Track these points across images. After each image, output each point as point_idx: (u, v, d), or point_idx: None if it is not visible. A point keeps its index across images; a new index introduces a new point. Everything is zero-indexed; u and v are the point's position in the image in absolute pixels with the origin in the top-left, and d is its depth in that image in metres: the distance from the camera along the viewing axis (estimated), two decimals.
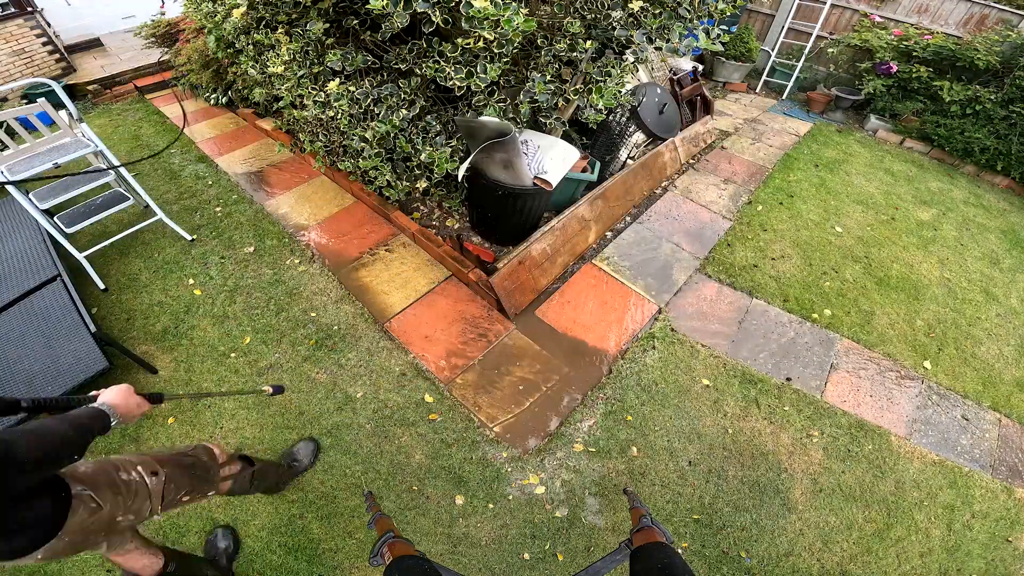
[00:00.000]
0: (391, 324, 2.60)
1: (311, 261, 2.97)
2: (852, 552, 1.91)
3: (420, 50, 2.30)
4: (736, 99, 5.50)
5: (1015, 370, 2.62)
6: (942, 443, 2.26)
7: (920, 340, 2.71)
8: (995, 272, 3.26)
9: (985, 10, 4.42)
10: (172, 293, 2.73)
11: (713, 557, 1.88)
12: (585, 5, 2.21)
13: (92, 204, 2.80)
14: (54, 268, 2.40)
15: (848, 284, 3.02)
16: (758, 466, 2.13)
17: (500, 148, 2.37)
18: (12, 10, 4.38)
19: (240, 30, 2.86)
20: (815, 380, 2.47)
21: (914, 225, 3.62)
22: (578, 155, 2.70)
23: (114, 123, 4.34)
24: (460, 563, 1.82)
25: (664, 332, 2.65)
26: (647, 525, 1.20)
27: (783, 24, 5.40)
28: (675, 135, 3.83)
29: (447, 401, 2.29)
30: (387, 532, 1.21)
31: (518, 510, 1.96)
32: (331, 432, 2.16)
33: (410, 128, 2.54)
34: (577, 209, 2.98)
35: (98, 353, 2.02)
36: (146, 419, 2.17)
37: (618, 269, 3.01)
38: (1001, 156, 4.19)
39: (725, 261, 3.13)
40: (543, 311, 2.72)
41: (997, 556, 1.92)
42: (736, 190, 3.82)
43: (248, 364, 2.40)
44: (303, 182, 3.63)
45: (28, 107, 2.39)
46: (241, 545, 1.83)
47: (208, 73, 4.09)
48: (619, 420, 2.25)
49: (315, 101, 2.51)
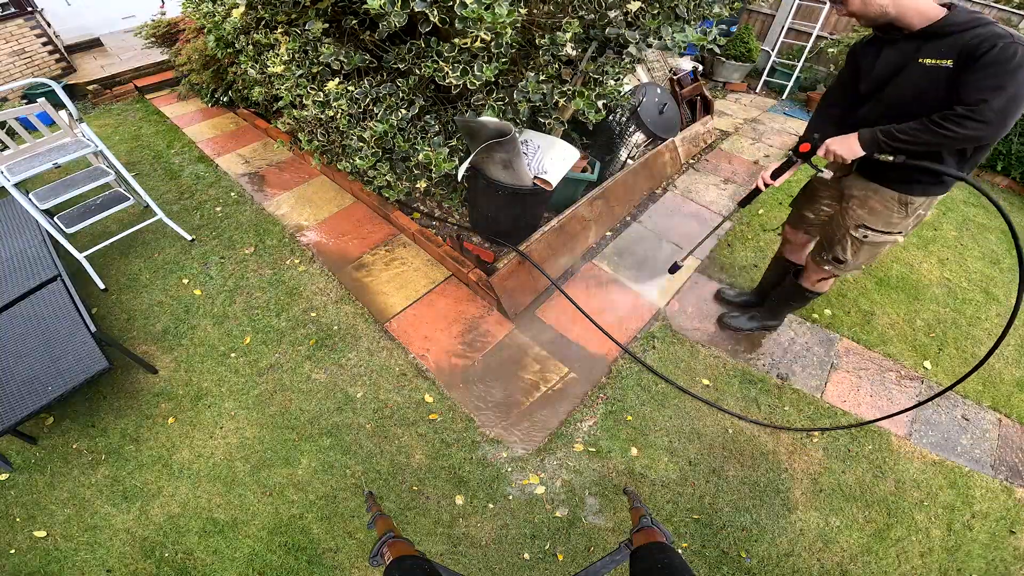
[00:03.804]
0: (391, 324, 2.60)
1: (311, 261, 2.97)
2: (852, 552, 1.91)
3: (418, 50, 2.30)
4: (736, 99, 5.50)
5: (1015, 370, 2.61)
6: (942, 443, 2.26)
7: (920, 340, 2.71)
8: (995, 272, 3.26)
9: (985, 10, 4.42)
10: (172, 293, 2.73)
11: (713, 557, 1.88)
12: (584, 5, 2.21)
13: (92, 204, 2.80)
14: (54, 268, 2.40)
15: (848, 284, 3.02)
16: (758, 466, 2.13)
17: (500, 148, 2.37)
18: (12, 10, 4.39)
19: (240, 30, 2.86)
20: (815, 380, 2.47)
21: None
22: (578, 155, 2.70)
23: (114, 123, 4.34)
24: (460, 563, 1.82)
25: (664, 332, 2.65)
26: (647, 525, 1.19)
27: (783, 24, 5.40)
28: (675, 135, 3.83)
29: (447, 401, 2.29)
30: (387, 532, 1.21)
31: (518, 510, 1.96)
32: (331, 432, 2.16)
33: (409, 128, 2.54)
34: (577, 209, 2.98)
35: (98, 353, 2.02)
36: (146, 419, 2.18)
37: (618, 269, 3.01)
38: (1001, 156, 4.18)
39: (725, 261, 3.13)
40: (543, 311, 2.72)
41: (997, 556, 1.92)
42: (736, 190, 3.82)
43: (248, 364, 2.40)
44: (303, 182, 3.63)
45: (28, 107, 2.40)
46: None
47: (208, 73, 4.09)
48: (619, 420, 2.25)
49: (314, 101, 2.51)
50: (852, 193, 1.87)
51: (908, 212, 1.77)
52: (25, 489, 1.96)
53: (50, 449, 2.08)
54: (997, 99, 1.35)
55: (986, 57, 1.35)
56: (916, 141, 1.51)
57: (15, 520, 1.88)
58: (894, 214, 1.79)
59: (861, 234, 1.88)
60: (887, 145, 1.58)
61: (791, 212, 2.29)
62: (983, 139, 1.43)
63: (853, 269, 2.04)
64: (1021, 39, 1.34)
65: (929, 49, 1.48)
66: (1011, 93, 1.34)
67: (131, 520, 1.89)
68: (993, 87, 1.35)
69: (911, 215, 1.78)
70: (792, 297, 2.39)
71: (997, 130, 1.39)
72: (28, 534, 1.84)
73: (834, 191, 2.02)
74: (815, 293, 2.26)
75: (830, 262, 2.04)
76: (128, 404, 2.23)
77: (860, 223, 1.87)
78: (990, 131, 1.39)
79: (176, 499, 1.95)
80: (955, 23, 1.43)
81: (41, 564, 1.78)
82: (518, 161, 2.48)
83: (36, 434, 2.11)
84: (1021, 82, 1.33)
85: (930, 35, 1.48)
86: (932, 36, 1.48)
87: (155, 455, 2.07)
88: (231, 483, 2.00)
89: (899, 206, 1.77)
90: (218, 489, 1.98)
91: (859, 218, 1.86)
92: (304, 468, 2.05)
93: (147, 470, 2.03)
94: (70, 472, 2.01)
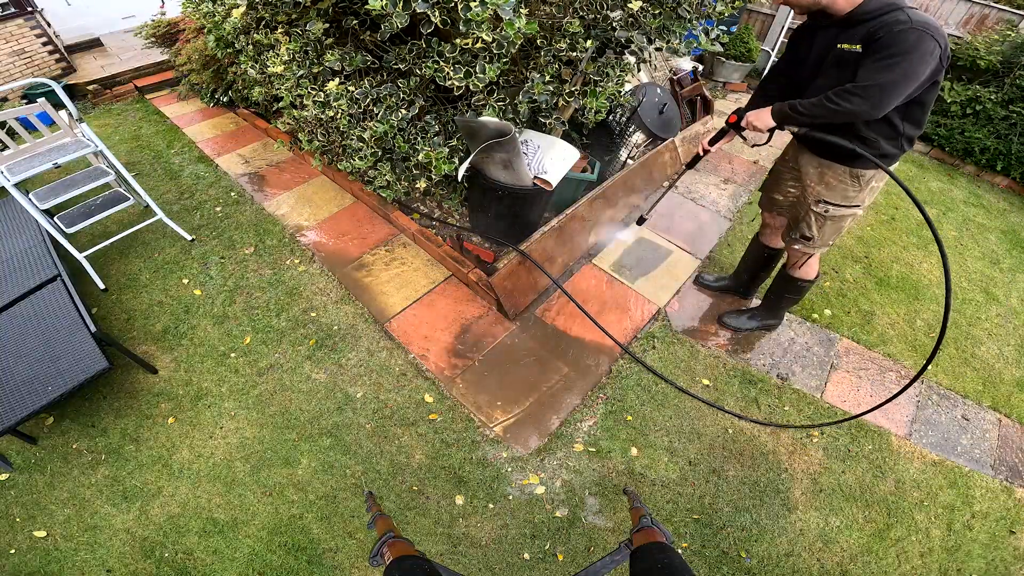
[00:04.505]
0: (391, 324, 2.60)
1: (311, 261, 2.97)
2: (852, 552, 1.91)
3: (419, 50, 2.30)
4: (736, 99, 5.50)
5: (1015, 370, 2.61)
6: (942, 443, 2.26)
7: (920, 340, 2.71)
8: (995, 272, 3.26)
9: (985, 10, 4.42)
10: (172, 293, 2.73)
11: (713, 557, 1.88)
12: (585, 5, 2.21)
13: (92, 204, 2.80)
14: (54, 268, 2.40)
15: (848, 284, 3.02)
16: (758, 466, 2.13)
17: (500, 148, 2.37)
18: (12, 10, 4.38)
19: (240, 30, 2.86)
20: (815, 380, 2.47)
21: (914, 225, 3.62)
22: (578, 155, 2.70)
23: (114, 123, 4.34)
24: (460, 563, 1.82)
25: (664, 332, 2.65)
26: (647, 525, 1.19)
27: (783, 24, 5.40)
28: (675, 135, 3.82)
29: (447, 401, 2.29)
30: (387, 532, 1.21)
31: (518, 510, 1.96)
32: (331, 432, 2.16)
33: (409, 128, 2.54)
34: (577, 209, 2.98)
35: (98, 353, 2.02)
36: (146, 419, 2.18)
37: (618, 269, 3.01)
38: (1001, 156, 4.18)
39: (725, 261, 3.13)
40: (543, 311, 2.72)
41: (997, 556, 1.92)
42: (736, 190, 3.82)
43: (248, 364, 2.40)
44: (303, 182, 3.63)
45: (28, 107, 2.40)
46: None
47: (208, 73, 4.09)
48: (619, 420, 2.25)
49: (315, 101, 2.51)
50: (808, 171, 1.99)
51: (861, 184, 1.88)
52: (25, 489, 1.96)
53: (50, 449, 2.08)
54: (881, 78, 1.48)
55: (881, 41, 1.48)
56: (813, 115, 1.66)
57: (15, 520, 1.88)
58: (849, 188, 1.90)
59: (822, 208, 1.99)
60: (792, 118, 1.72)
61: (761, 196, 2.41)
62: (863, 115, 1.56)
63: (822, 246, 2.13)
64: (923, 25, 1.44)
65: (845, 35, 1.60)
66: (896, 75, 1.47)
67: (131, 520, 1.89)
68: (881, 68, 1.48)
69: (864, 187, 1.89)
70: (784, 289, 2.44)
71: (875, 108, 1.53)
72: (28, 534, 1.84)
73: (794, 172, 2.13)
74: (804, 280, 2.33)
75: (799, 240, 2.15)
76: (128, 404, 2.23)
77: (820, 198, 1.98)
78: (868, 107, 1.53)
79: (176, 499, 1.95)
80: (868, 10, 1.53)
81: (41, 564, 1.78)
82: (518, 161, 2.48)
83: (36, 434, 2.11)
84: (908, 66, 1.46)
85: (849, 21, 1.59)
86: (849, 23, 1.59)
87: (155, 455, 2.07)
88: (231, 483, 2.00)
89: (851, 179, 1.88)
90: (218, 489, 1.98)
91: (818, 194, 1.98)
92: (304, 468, 2.05)
93: (147, 470, 2.03)
94: (70, 472, 2.01)
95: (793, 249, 2.23)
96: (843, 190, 1.91)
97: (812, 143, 1.89)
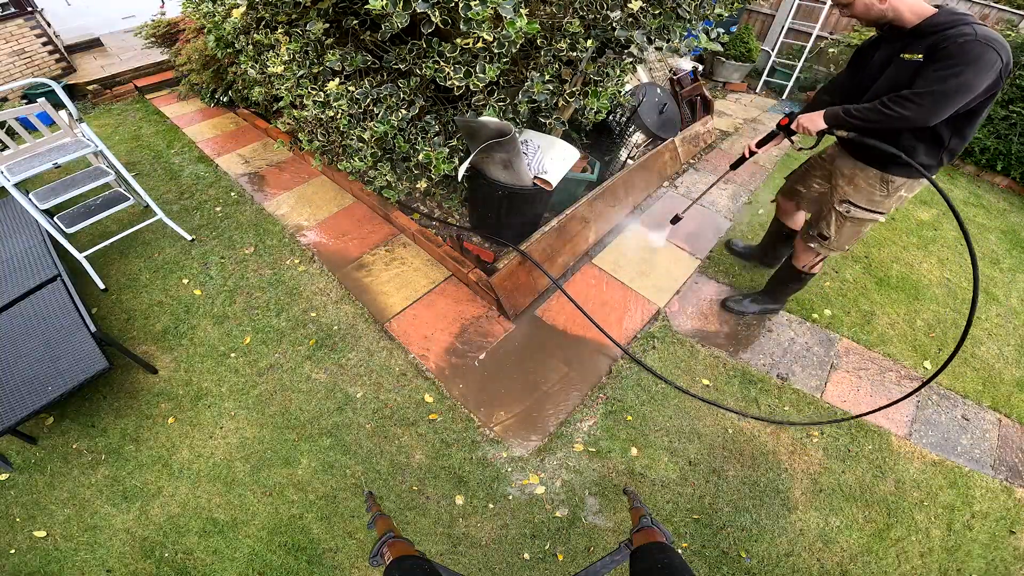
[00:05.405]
0: (391, 324, 2.60)
1: (311, 261, 2.97)
2: (852, 552, 1.91)
3: (420, 50, 2.30)
4: (736, 99, 5.50)
5: (1015, 370, 2.61)
6: (942, 443, 2.26)
7: (920, 340, 2.71)
8: (995, 272, 3.26)
9: (985, 10, 4.42)
10: (172, 293, 2.73)
11: (713, 557, 1.88)
12: (585, 5, 2.21)
13: (92, 204, 2.80)
14: (54, 268, 2.40)
15: (848, 284, 3.02)
16: (758, 466, 2.13)
17: (500, 148, 2.37)
18: (12, 10, 4.38)
19: (240, 30, 2.86)
20: (815, 380, 2.47)
21: (914, 225, 3.62)
22: (578, 155, 2.70)
23: (114, 123, 4.34)
24: (460, 563, 1.82)
25: (664, 332, 2.65)
26: (647, 525, 1.19)
27: (783, 24, 5.40)
28: (675, 135, 3.83)
29: (447, 401, 2.29)
30: (387, 532, 1.21)
31: (518, 510, 1.96)
32: (331, 432, 2.16)
33: (409, 128, 2.54)
34: (577, 209, 2.98)
35: (98, 353, 2.02)
36: (146, 419, 2.18)
37: (618, 269, 3.01)
38: (1001, 156, 4.18)
39: (725, 261, 3.13)
40: (543, 311, 2.72)
41: (997, 556, 1.92)
42: (736, 190, 3.82)
43: (248, 364, 2.40)
44: (303, 182, 3.63)
45: (28, 107, 2.40)
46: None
47: (208, 73, 4.09)
48: (619, 420, 2.25)
49: (315, 101, 2.51)
50: (842, 171, 2.02)
51: (889, 191, 1.90)
52: (25, 489, 1.96)
53: (50, 449, 2.08)
54: (939, 86, 1.50)
55: (944, 51, 1.49)
56: (866, 119, 1.67)
57: (15, 520, 1.88)
58: (876, 192, 1.92)
59: (844, 209, 2.02)
60: (845, 121, 1.73)
61: (784, 184, 2.49)
62: (916, 122, 1.57)
63: (837, 249, 2.16)
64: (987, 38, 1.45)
65: (910, 47, 1.62)
66: (953, 85, 1.48)
67: (131, 520, 1.89)
68: (940, 77, 1.50)
69: (892, 195, 1.91)
70: (788, 279, 2.52)
71: (930, 115, 1.54)
72: (28, 534, 1.84)
73: (826, 171, 2.16)
74: (809, 275, 2.41)
75: (815, 239, 2.18)
76: (128, 404, 2.23)
77: (845, 198, 2.01)
78: (922, 114, 1.54)
79: (176, 499, 1.95)
80: (936, 23, 1.55)
81: (41, 564, 1.78)
82: (518, 161, 2.48)
83: (36, 434, 2.11)
84: (967, 76, 1.47)
85: (915, 33, 1.61)
86: (916, 34, 1.60)
87: (155, 455, 2.07)
88: (231, 483, 2.00)
89: (880, 184, 1.89)
90: (218, 489, 1.98)
91: (844, 194, 2.00)
92: (304, 468, 2.05)
93: (147, 470, 2.03)
94: (70, 472, 2.01)
95: (808, 247, 2.26)
96: (870, 193, 1.93)
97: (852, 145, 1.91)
